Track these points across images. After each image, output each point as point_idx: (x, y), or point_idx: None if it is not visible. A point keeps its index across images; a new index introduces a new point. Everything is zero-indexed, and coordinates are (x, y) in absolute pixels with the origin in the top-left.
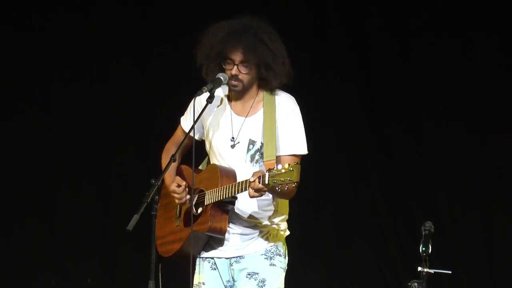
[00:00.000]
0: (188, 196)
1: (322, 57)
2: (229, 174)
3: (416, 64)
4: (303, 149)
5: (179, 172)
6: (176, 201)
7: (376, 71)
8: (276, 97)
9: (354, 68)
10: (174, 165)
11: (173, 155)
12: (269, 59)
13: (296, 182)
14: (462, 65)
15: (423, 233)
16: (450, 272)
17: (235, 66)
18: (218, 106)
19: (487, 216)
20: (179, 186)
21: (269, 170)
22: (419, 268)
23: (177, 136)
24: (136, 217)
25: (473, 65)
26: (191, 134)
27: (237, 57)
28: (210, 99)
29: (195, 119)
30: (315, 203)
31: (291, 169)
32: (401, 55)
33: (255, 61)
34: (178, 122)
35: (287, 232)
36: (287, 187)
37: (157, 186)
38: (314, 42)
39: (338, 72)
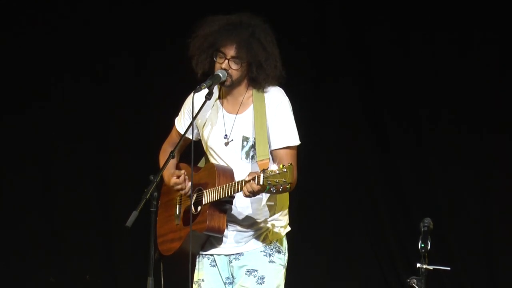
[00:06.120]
0: (189, 184)
1: (321, 56)
2: (226, 173)
3: (416, 63)
4: (295, 140)
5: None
6: (180, 191)
7: (376, 70)
8: (264, 90)
9: (354, 68)
10: (173, 164)
11: (171, 152)
12: (262, 58)
13: (290, 183)
14: (461, 64)
15: (422, 229)
16: (449, 268)
17: (226, 60)
18: (210, 105)
19: (486, 212)
20: (178, 177)
21: (263, 170)
22: (418, 265)
23: (172, 137)
24: (135, 214)
25: (472, 63)
26: (190, 130)
27: (230, 51)
28: (209, 96)
29: (194, 115)
30: (314, 200)
31: (285, 170)
32: (401, 54)
33: (247, 58)
34: (173, 123)
35: (288, 229)
36: (281, 188)
37: (156, 182)
38: (313, 41)
39: (338, 71)
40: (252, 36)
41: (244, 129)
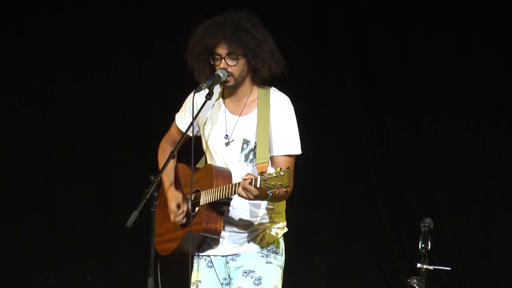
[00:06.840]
0: (184, 220)
1: (322, 57)
2: (224, 175)
3: (416, 62)
4: (296, 150)
5: (176, 172)
6: (171, 218)
7: (375, 69)
8: (270, 96)
9: (354, 68)
10: (172, 165)
11: (172, 152)
12: (254, 46)
13: (287, 187)
14: (461, 63)
15: (423, 229)
16: (449, 268)
17: (223, 60)
18: (212, 104)
19: (486, 212)
20: (179, 207)
21: (261, 173)
22: (418, 265)
23: (172, 134)
24: (135, 214)
25: (472, 62)
26: (190, 130)
27: (222, 50)
28: (209, 96)
29: (194, 116)
30: (314, 200)
31: (282, 173)
32: (401, 54)
33: (240, 51)
34: (173, 119)
35: (285, 230)
36: (278, 191)
37: (156, 183)
38: (314, 42)
39: (338, 72)
40: (237, 28)
41: (246, 132)
